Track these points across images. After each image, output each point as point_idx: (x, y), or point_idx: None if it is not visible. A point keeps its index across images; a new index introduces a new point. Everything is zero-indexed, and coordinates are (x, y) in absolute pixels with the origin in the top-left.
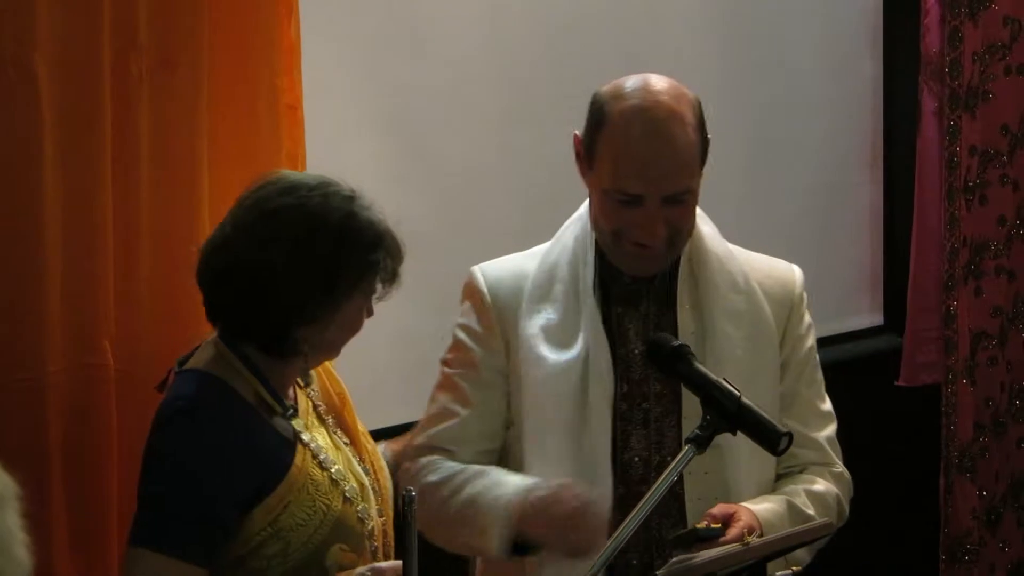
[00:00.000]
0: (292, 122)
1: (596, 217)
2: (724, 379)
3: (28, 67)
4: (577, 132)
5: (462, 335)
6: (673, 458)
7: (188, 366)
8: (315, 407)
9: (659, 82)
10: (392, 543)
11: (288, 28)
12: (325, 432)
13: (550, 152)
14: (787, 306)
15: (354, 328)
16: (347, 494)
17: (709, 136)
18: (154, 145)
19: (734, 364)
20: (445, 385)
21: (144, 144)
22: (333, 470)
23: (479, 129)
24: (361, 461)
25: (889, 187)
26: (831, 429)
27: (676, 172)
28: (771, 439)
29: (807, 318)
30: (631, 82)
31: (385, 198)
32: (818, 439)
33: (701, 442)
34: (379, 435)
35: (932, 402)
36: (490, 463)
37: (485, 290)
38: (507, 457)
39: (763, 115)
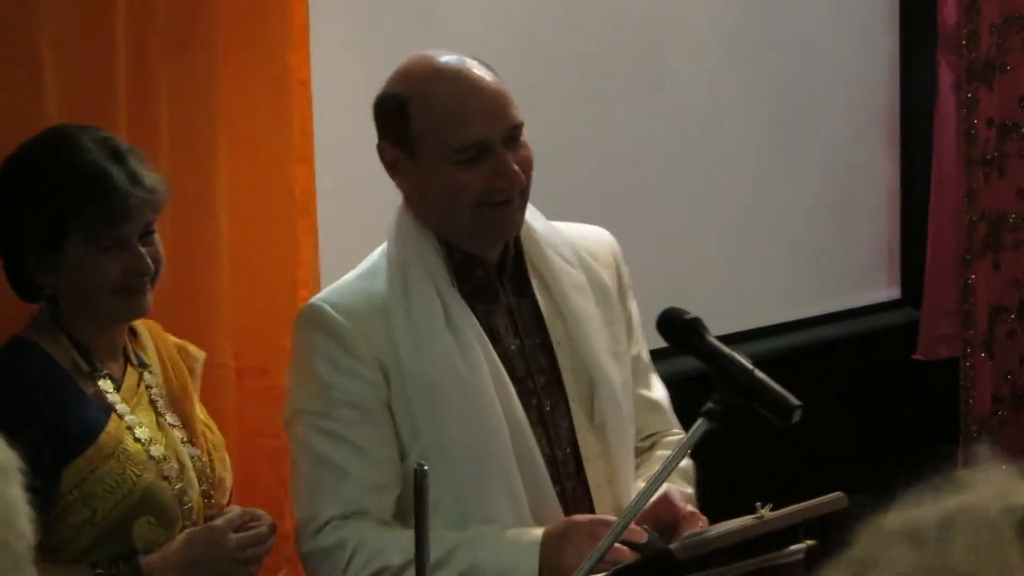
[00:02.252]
0: (302, 99)
1: (444, 203)
2: (737, 351)
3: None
4: (380, 143)
5: (324, 373)
6: (570, 450)
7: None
8: (147, 388)
9: (431, 50)
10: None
11: (298, 5)
12: (152, 415)
13: (562, 128)
14: (613, 266)
15: (94, 275)
16: (164, 472)
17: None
18: (172, 127)
19: (599, 340)
20: (318, 439)
21: (163, 126)
22: (151, 448)
23: None
24: (193, 445)
25: (907, 161)
26: (662, 385)
27: (505, 103)
28: (784, 411)
29: (627, 274)
30: (407, 62)
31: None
32: (660, 402)
33: (714, 416)
34: None
35: (950, 376)
36: (396, 511)
37: (342, 319)
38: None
39: (779, 90)
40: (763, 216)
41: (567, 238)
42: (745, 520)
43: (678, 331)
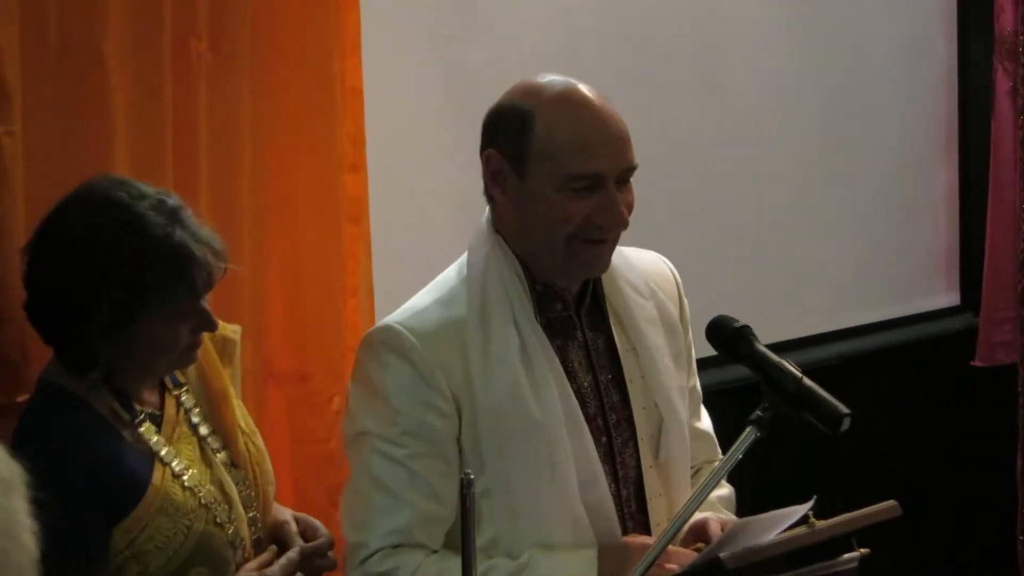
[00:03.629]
0: (355, 105)
1: (541, 229)
2: (786, 359)
3: (97, 55)
4: (488, 150)
5: (395, 398)
6: (633, 488)
7: (44, 374)
8: (187, 411)
9: (559, 75)
10: (266, 549)
11: (350, 11)
12: (195, 444)
13: None
14: (676, 298)
15: (164, 346)
16: (216, 517)
17: None
18: (212, 132)
19: (670, 377)
20: (379, 462)
21: (203, 132)
22: (201, 492)
23: None
24: (236, 466)
25: (964, 167)
26: (707, 414)
27: (626, 143)
28: (833, 419)
29: (687, 307)
30: (538, 79)
31: (452, 185)
32: (708, 432)
33: (763, 424)
34: None
35: (1009, 382)
36: (448, 541)
37: (420, 347)
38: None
39: (836, 97)
40: (818, 221)
41: (638, 269)
42: (797, 529)
43: (728, 339)
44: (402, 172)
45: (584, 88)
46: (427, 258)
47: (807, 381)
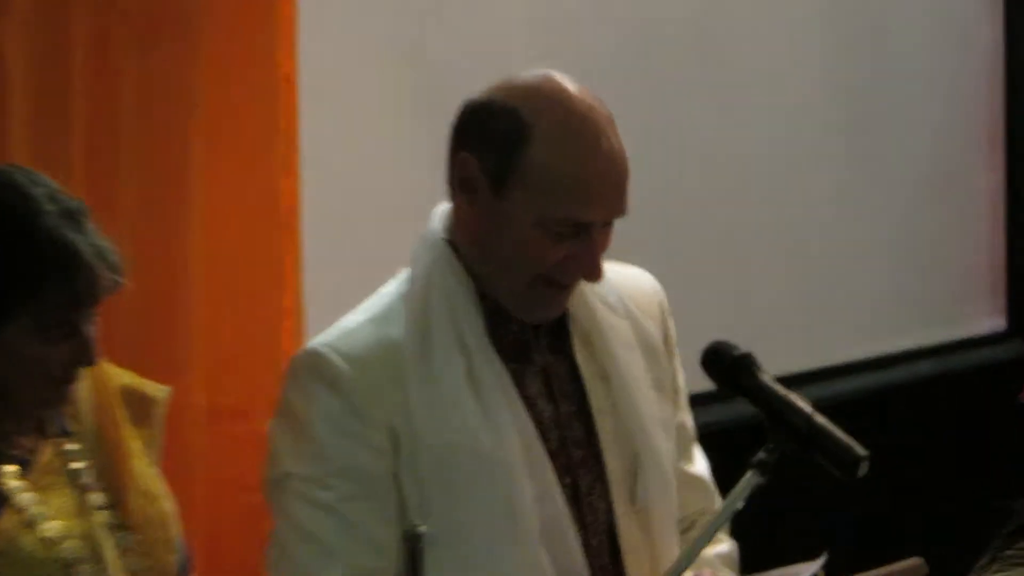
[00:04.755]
0: (288, 96)
1: (507, 260)
2: (794, 392)
3: None
4: (465, 153)
5: (322, 434)
6: (605, 537)
7: None
8: (67, 463)
9: (564, 79)
10: None
11: None
12: (72, 497)
13: None
14: (659, 319)
15: (32, 367)
16: (77, 574)
17: None
18: (139, 130)
19: (648, 408)
20: (306, 510)
21: (127, 130)
22: (61, 547)
23: None
24: (126, 529)
25: (1012, 169)
26: (703, 457)
27: (625, 189)
28: (847, 463)
29: (673, 328)
30: (540, 79)
31: (403, 191)
32: (703, 477)
33: (765, 468)
34: None
35: None
36: None
37: (350, 372)
38: None
39: (866, 91)
40: (844, 235)
41: (612, 284)
42: None
43: (727, 369)
44: (340, 174)
45: (596, 107)
46: (369, 274)
47: (819, 418)
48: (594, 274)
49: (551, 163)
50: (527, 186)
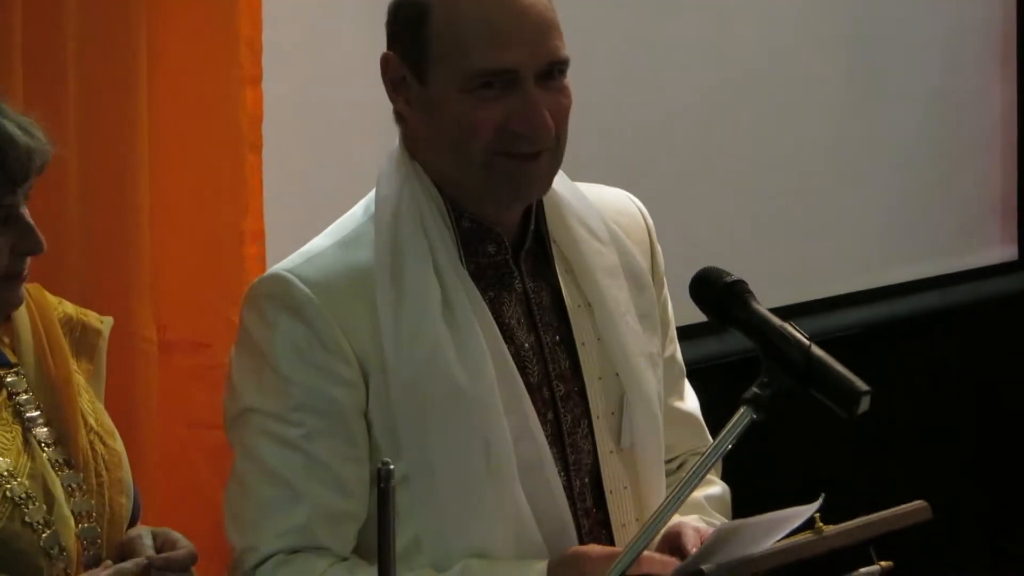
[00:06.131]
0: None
1: (453, 145)
2: (790, 323)
3: None
4: (387, 52)
5: (285, 365)
6: (588, 478)
7: None
8: (11, 396)
9: None
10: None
11: None
12: (16, 432)
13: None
14: (647, 244)
15: None
16: (25, 516)
17: None
18: (83, 33)
19: (634, 340)
20: (269, 447)
21: (70, 31)
22: (9, 485)
23: None
24: (73, 468)
25: None
26: (693, 393)
27: (550, 28)
28: (848, 398)
29: (661, 255)
30: None
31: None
32: (693, 414)
33: (761, 403)
34: None
35: None
36: (361, 543)
37: (315, 299)
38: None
39: (868, 2)
40: (844, 157)
41: (597, 207)
42: (801, 535)
43: (717, 297)
44: (303, 87)
45: None
46: (334, 195)
47: (817, 350)
48: (539, 125)
49: (454, 22)
50: (441, 56)
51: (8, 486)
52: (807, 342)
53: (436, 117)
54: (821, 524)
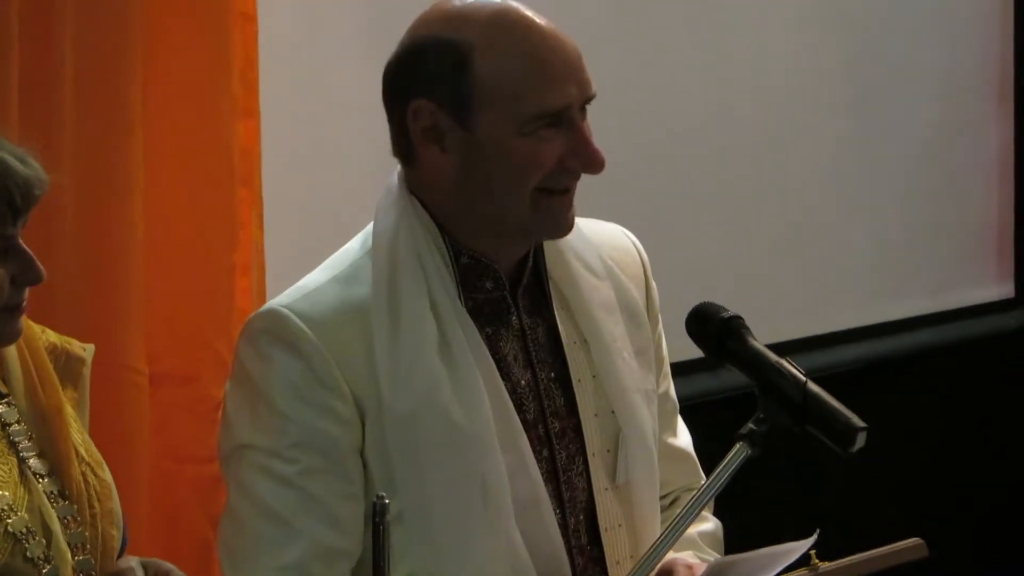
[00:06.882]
0: (247, 34)
1: (509, 183)
2: (787, 359)
3: None
4: (422, 101)
5: (282, 402)
6: (584, 516)
7: None
8: (5, 426)
9: None
10: None
11: None
12: (13, 464)
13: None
14: (641, 281)
15: None
16: (27, 551)
17: None
18: (78, 65)
19: (630, 377)
20: (265, 484)
21: (67, 64)
22: (10, 520)
23: None
24: (67, 499)
25: (1021, 125)
26: (686, 430)
27: (583, 63)
28: (844, 435)
29: (656, 291)
30: (446, 7)
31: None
32: (686, 451)
33: (757, 439)
34: None
35: None
36: None
37: (313, 336)
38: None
39: (866, 35)
40: (842, 193)
41: (592, 243)
42: (795, 573)
43: (714, 333)
44: (302, 120)
45: (516, 4)
46: (327, 229)
47: (813, 387)
48: (595, 160)
49: (503, 66)
50: (492, 101)
51: (9, 521)
52: (803, 378)
53: (484, 162)
54: (816, 560)
